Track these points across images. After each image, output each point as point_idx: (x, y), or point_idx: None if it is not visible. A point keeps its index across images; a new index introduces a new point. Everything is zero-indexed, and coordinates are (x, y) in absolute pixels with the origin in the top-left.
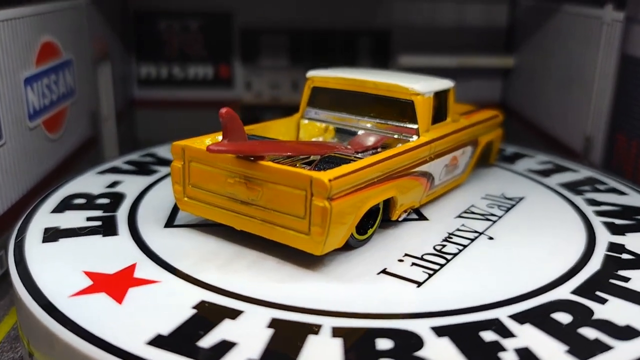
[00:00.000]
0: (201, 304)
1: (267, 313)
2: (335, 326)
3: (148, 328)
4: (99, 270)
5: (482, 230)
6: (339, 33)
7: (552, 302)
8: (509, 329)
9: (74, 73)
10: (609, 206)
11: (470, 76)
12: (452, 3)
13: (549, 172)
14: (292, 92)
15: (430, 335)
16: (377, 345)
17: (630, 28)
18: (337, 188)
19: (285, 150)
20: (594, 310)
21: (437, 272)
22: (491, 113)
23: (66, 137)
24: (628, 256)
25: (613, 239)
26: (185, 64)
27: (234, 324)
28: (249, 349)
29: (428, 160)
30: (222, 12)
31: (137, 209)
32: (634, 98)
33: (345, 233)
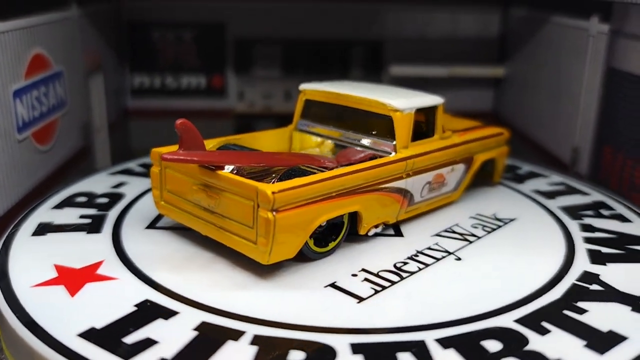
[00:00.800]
0: (144, 302)
1: (199, 316)
2: (257, 334)
3: (85, 321)
4: (68, 265)
5: (453, 250)
6: (332, 44)
7: (488, 329)
8: (429, 353)
9: (65, 85)
10: (603, 233)
11: (462, 86)
12: (445, 14)
13: (555, 194)
14: (284, 102)
15: (346, 350)
16: (290, 356)
17: (615, 41)
18: (282, 201)
19: (247, 160)
20: (529, 341)
21: (385, 289)
22: (495, 130)
23: (57, 149)
24: (597, 287)
25: (590, 268)
26: (178, 74)
27: (164, 323)
28: (165, 349)
29: (404, 177)
30: (215, 23)
31: (129, 210)
32: (619, 111)
33: (296, 245)
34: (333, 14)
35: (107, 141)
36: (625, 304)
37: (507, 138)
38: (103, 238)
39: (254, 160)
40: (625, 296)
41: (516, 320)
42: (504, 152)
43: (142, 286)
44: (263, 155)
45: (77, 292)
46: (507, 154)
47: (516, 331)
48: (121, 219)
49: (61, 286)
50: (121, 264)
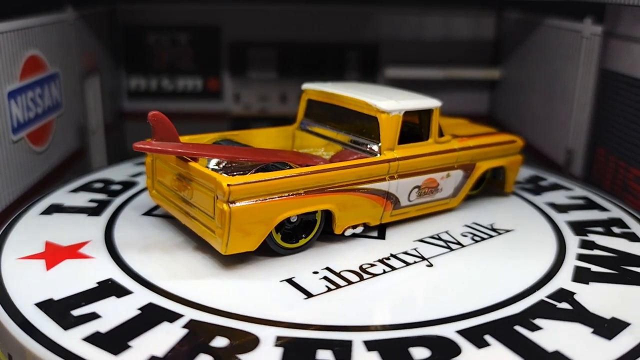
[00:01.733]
0: (106, 280)
1: (149, 297)
2: (194, 318)
3: (47, 293)
4: (57, 242)
5: (429, 256)
6: (327, 46)
7: (423, 337)
8: (350, 353)
9: (61, 86)
10: (603, 251)
11: (458, 88)
12: (439, 17)
13: (570, 208)
14: (280, 104)
15: (270, 342)
16: (214, 342)
17: (608, 42)
18: (238, 194)
19: (222, 153)
20: (461, 352)
21: (339, 288)
22: (506, 137)
23: (52, 150)
24: (565, 306)
25: (568, 286)
26: (174, 77)
27: (115, 301)
28: (104, 324)
29: (387, 179)
30: (211, 26)
31: (135, 198)
32: (612, 113)
33: (256, 238)
34: (328, 17)
35: (103, 143)
36: (587, 326)
37: (520, 147)
38: (99, 221)
39: (231, 154)
40: (592, 317)
41: (458, 331)
42: (515, 161)
43: (111, 266)
44: (243, 150)
45: (53, 267)
46: (520, 164)
47: (452, 341)
48: (124, 205)
49: (42, 260)
50: (103, 245)
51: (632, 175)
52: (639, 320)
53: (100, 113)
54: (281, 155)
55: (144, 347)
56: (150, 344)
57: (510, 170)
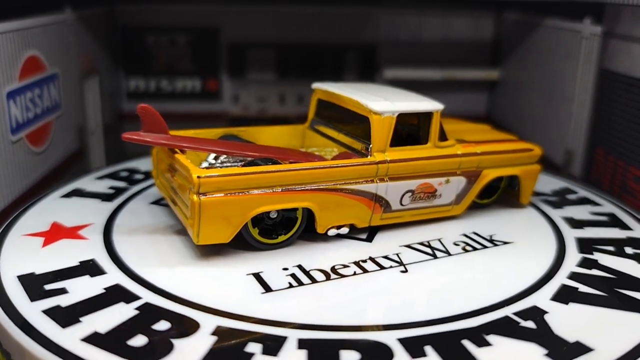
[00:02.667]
0: (88, 261)
1: (117, 279)
2: (149, 302)
3: (31, 267)
4: (62, 223)
5: (408, 262)
6: (326, 47)
7: (358, 340)
8: (280, 349)
9: (60, 87)
10: (603, 272)
11: (457, 89)
12: (438, 18)
13: (587, 224)
14: (279, 105)
15: (208, 330)
16: (155, 325)
17: (607, 42)
18: (208, 186)
19: (208, 146)
20: (393, 359)
21: (301, 286)
22: (522, 146)
23: (51, 151)
24: (529, 324)
25: (542, 304)
26: (173, 78)
27: (87, 280)
28: (67, 299)
29: (375, 181)
30: (209, 27)
31: (150, 188)
32: (612, 113)
33: (228, 231)
34: (327, 18)
35: (102, 144)
36: (543, 347)
37: (537, 156)
38: (109, 207)
39: (219, 147)
40: (552, 339)
41: (399, 339)
42: (531, 171)
43: (99, 248)
44: (232, 144)
45: (48, 244)
46: (537, 174)
47: (387, 348)
48: (138, 194)
49: (42, 238)
50: (101, 229)
51: (631, 175)
52: (605, 347)
53: (99, 114)
54: (274, 152)
55: (92, 323)
56: (98, 321)
57: (525, 180)
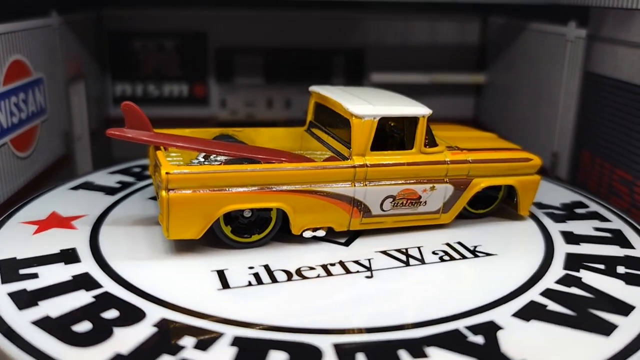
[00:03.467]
0: (68, 249)
1: (87, 268)
2: (108, 291)
3: (16, 252)
4: (60, 213)
5: (376, 268)
6: (313, 52)
7: (291, 341)
8: (211, 343)
9: (45, 92)
10: (582, 290)
11: (444, 94)
12: (424, 22)
13: (586, 240)
14: (267, 109)
15: (152, 319)
16: (104, 313)
17: (592, 45)
18: (177, 183)
19: (191, 145)
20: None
21: (260, 285)
22: (519, 155)
23: (37, 156)
24: (478, 340)
25: (501, 320)
26: (160, 83)
27: (60, 267)
28: (35, 284)
29: (353, 185)
30: (197, 32)
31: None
32: (597, 115)
33: (198, 227)
34: (314, 23)
35: (88, 149)
36: None
37: (536, 166)
38: (109, 200)
39: (200, 146)
40: (496, 357)
41: (335, 344)
42: (530, 181)
43: (84, 238)
44: (215, 143)
45: (40, 232)
46: (536, 184)
47: (319, 351)
48: (141, 189)
49: (35, 226)
50: (93, 221)
51: (617, 177)
52: None
53: (86, 119)
54: (259, 153)
55: (47, 307)
56: (54, 305)
57: (523, 191)
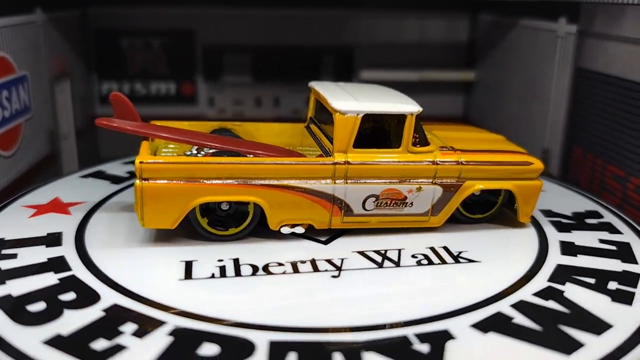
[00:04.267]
0: (55, 233)
1: (65, 251)
2: (75, 275)
3: (5, 233)
4: (62, 199)
5: (347, 268)
6: (302, 50)
7: (221, 334)
8: (149, 331)
9: (29, 90)
10: (560, 305)
11: (433, 91)
12: (414, 20)
13: (586, 252)
14: (255, 108)
15: (102, 305)
16: (61, 295)
17: (583, 41)
18: (150, 172)
19: (172, 135)
20: (252, 354)
21: (222, 278)
22: (518, 158)
23: (21, 154)
24: (423, 348)
25: (458, 331)
26: (147, 81)
27: (40, 249)
28: (11, 264)
29: (333, 182)
30: (184, 30)
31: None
32: (588, 111)
33: (172, 217)
34: (303, 22)
35: (74, 148)
36: None
37: (537, 171)
38: (111, 189)
39: (185, 137)
40: None
41: (272, 341)
42: (529, 186)
43: (73, 224)
44: (200, 135)
45: (36, 216)
46: (537, 190)
47: (252, 346)
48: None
49: (34, 210)
50: (89, 207)
51: (609, 173)
52: None
53: (72, 118)
54: (247, 146)
55: (13, 286)
56: (19, 285)
57: (521, 196)
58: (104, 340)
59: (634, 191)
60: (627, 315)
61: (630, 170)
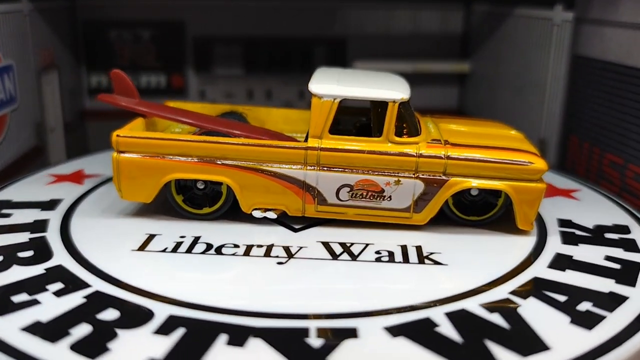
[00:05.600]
0: (57, 200)
1: (48, 216)
2: (46, 237)
3: (16, 195)
4: (84, 170)
5: (300, 257)
6: (294, 42)
7: (131, 303)
8: (75, 291)
9: (15, 80)
10: (505, 320)
11: (428, 83)
12: (407, 10)
13: (579, 268)
14: (247, 100)
15: (52, 263)
16: (20, 253)
17: (579, 28)
18: (125, 145)
19: (167, 114)
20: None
21: (174, 253)
22: (516, 156)
23: (6, 146)
24: (310, 342)
25: (367, 331)
26: (137, 74)
27: (32, 212)
28: (3, 221)
29: (305, 169)
30: (174, 21)
31: None
32: (585, 99)
33: (147, 191)
34: (295, 12)
35: (62, 141)
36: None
37: (538, 171)
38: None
39: (181, 117)
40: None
41: (171, 314)
42: (527, 189)
43: (78, 192)
44: (195, 116)
45: (52, 184)
46: (539, 193)
47: (150, 313)
48: None
49: (54, 178)
50: (100, 180)
51: (607, 161)
52: None
53: (60, 110)
54: (237, 129)
55: None
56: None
57: (518, 199)
58: (25, 294)
59: (633, 179)
60: (574, 340)
61: (629, 157)
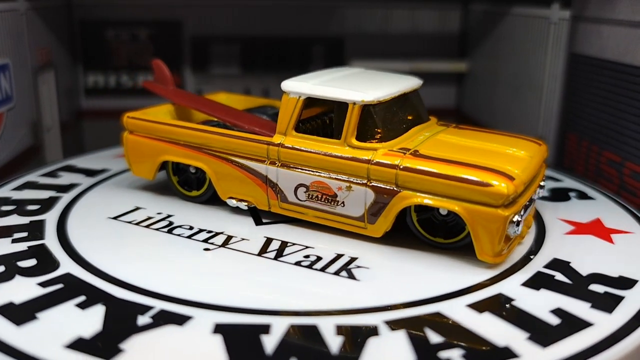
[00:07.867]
0: (71, 185)
1: (48, 195)
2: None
3: (37, 177)
4: (111, 168)
5: (228, 247)
6: (291, 41)
7: (79, 281)
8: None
9: (11, 79)
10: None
11: (425, 82)
12: (405, 10)
13: (499, 313)
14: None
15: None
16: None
17: (576, 26)
18: (132, 126)
19: (193, 103)
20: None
21: (136, 226)
22: (475, 175)
23: (2, 145)
24: (144, 320)
25: (206, 323)
26: (134, 73)
27: (42, 193)
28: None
29: (267, 163)
30: (171, 21)
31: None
32: (583, 97)
33: (148, 169)
34: (292, 12)
35: (58, 141)
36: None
37: (493, 195)
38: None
39: (203, 108)
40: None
41: (90, 284)
42: (483, 213)
43: (89, 181)
44: (216, 107)
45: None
46: (496, 220)
47: (81, 284)
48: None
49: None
50: (115, 172)
51: (605, 159)
52: None
53: (56, 110)
54: (248, 120)
55: None
56: None
57: (474, 224)
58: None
59: (630, 177)
60: None
61: (626, 155)
